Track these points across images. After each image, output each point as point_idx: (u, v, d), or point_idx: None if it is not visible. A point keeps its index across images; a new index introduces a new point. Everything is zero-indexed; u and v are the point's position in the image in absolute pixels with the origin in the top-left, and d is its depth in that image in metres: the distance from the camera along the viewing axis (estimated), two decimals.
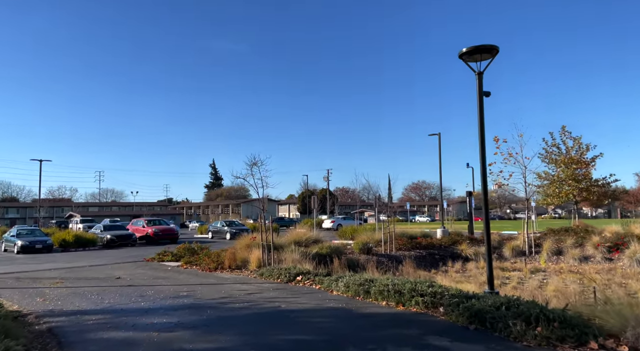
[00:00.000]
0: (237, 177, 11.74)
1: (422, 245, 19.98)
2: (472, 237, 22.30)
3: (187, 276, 12.06)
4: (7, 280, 11.81)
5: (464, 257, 19.51)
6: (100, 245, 26.47)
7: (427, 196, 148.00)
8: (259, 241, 16.42)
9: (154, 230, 29.46)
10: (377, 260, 16.15)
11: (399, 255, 18.13)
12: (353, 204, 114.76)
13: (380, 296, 7.46)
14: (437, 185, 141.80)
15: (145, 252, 21.67)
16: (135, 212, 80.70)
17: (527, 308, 5.47)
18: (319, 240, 19.12)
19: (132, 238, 27.57)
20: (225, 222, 34.45)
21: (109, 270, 14.04)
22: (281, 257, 13.69)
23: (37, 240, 23.58)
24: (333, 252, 15.75)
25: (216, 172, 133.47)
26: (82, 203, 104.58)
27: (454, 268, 17.28)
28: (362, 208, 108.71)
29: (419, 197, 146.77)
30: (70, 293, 9.68)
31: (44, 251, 23.26)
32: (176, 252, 16.44)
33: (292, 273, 10.41)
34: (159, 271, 13.44)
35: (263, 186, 12.17)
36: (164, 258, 16.20)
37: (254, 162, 11.95)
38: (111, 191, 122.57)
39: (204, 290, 9.71)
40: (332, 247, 16.27)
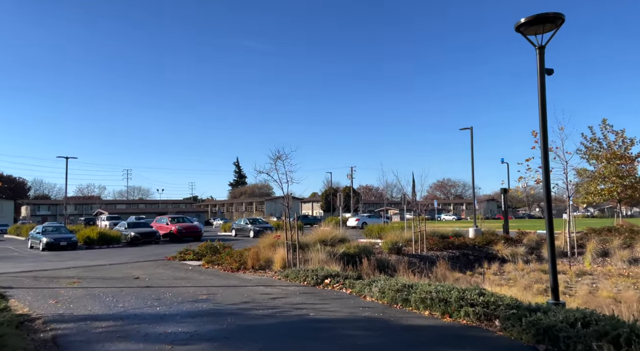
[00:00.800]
0: (260, 171, 11.02)
1: (455, 245, 18.85)
2: (507, 236, 21.00)
3: (208, 277, 11.40)
4: (25, 280, 11.41)
5: (500, 258, 18.29)
6: (124, 243, 26.35)
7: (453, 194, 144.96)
8: (283, 240, 15.69)
9: (178, 227, 29.21)
10: (409, 260, 15.15)
11: (430, 255, 17.09)
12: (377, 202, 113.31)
13: (422, 304, 6.54)
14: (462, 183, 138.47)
15: (168, 250, 21.28)
16: (161, 210, 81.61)
17: (612, 327, 4.47)
18: (346, 239, 18.29)
19: (156, 235, 27.35)
20: (249, 220, 33.98)
21: (129, 269, 13.55)
22: (307, 257, 12.91)
23: (62, 237, 23.54)
24: (361, 252, 14.86)
25: (240, 169, 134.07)
26: (110, 201, 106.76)
27: (490, 270, 16.12)
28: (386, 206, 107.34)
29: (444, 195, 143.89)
30: (85, 294, 9.13)
31: (68, 248, 23.20)
32: (198, 250, 15.88)
33: (319, 276, 9.58)
34: (179, 271, 12.85)
35: (288, 181, 11.41)
36: (186, 256, 15.66)
37: (278, 155, 11.20)
38: (138, 189, 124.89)
39: (225, 293, 8.99)
40: (360, 247, 15.39)
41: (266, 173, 11.46)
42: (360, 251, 14.92)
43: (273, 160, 11.39)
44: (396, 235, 20.40)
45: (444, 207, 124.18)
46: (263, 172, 11.45)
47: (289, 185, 11.46)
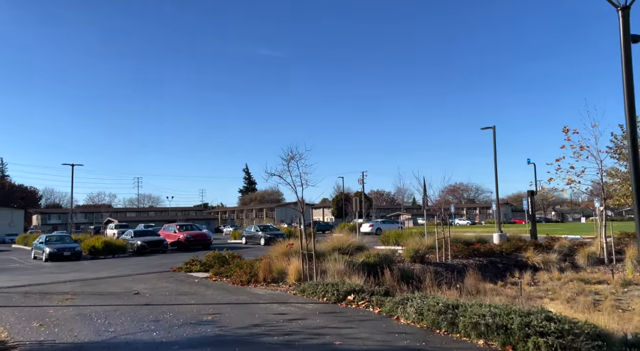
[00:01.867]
0: (271, 174, 9.91)
1: (481, 252, 17.48)
2: (536, 242, 19.56)
3: (215, 292, 10.25)
4: (15, 296, 10.37)
5: (530, 266, 16.88)
6: (131, 252, 25.36)
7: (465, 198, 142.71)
8: (297, 248, 14.52)
9: (186, 235, 28.17)
10: (434, 270, 13.86)
11: (456, 263, 15.76)
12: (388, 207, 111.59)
13: (475, 331, 5.31)
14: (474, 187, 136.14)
15: (174, 260, 20.20)
16: (171, 217, 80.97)
17: None
18: (363, 247, 17.10)
19: (163, 244, 26.34)
20: (259, 227, 32.83)
21: (130, 282, 12.46)
22: (323, 267, 11.71)
23: (66, 247, 22.61)
24: (382, 261, 13.64)
25: (249, 176, 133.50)
26: (120, 209, 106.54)
27: (523, 280, 14.72)
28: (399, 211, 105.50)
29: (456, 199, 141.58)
30: (75, 314, 8.02)
31: (72, 258, 22.26)
32: (205, 260, 14.75)
33: (341, 291, 8.37)
34: (183, 284, 11.72)
35: (302, 184, 10.24)
36: (192, 268, 14.54)
37: (290, 155, 10.06)
38: (148, 197, 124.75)
39: (233, 312, 7.82)
40: (380, 255, 14.15)
41: (278, 176, 10.35)
42: (381, 260, 13.71)
43: (286, 161, 10.26)
44: (416, 242, 19.12)
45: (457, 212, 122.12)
46: (275, 175, 10.33)
47: (303, 189, 10.32)
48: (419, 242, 19.22)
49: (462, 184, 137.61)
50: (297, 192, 10.42)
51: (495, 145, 21.65)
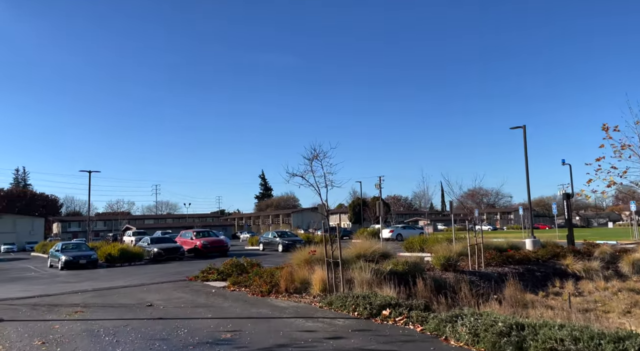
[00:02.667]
0: (293, 174, 9.15)
1: (516, 259, 16.30)
2: (574, 248, 18.26)
3: (234, 304, 9.43)
4: (23, 309, 9.73)
5: (571, 274, 15.64)
6: (147, 259, 24.84)
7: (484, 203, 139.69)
8: (319, 255, 13.66)
9: (203, 242, 27.56)
10: (469, 279, 12.81)
11: (491, 272, 14.65)
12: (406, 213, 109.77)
13: None
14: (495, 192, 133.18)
15: (191, 268, 19.52)
16: (188, 224, 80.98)
17: None
18: (388, 254, 16.11)
19: (180, 251, 25.75)
20: (277, 233, 32.05)
21: (144, 292, 11.74)
22: (347, 276, 10.81)
23: (82, 255, 22.18)
24: (411, 270, 12.63)
25: (266, 182, 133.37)
26: (138, 216, 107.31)
27: (567, 290, 13.55)
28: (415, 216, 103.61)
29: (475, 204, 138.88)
30: (81, 331, 7.29)
31: (88, 266, 21.80)
32: (222, 269, 13.98)
33: (374, 305, 7.45)
34: (200, 295, 10.94)
35: (326, 185, 9.38)
36: (209, 276, 13.78)
37: (314, 154, 9.23)
38: (166, 204, 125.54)
39: (255, 329, 6.98)
40: (408, 263, 13.14)
41: (300, 176, 9.51)
42: (410, 268, 12.70)
43: (308, 161, 9.43)
44: (444, 249, 18.02)
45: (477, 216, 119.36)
46: (297, 175, 9.49)
47: (327, 191, 9.45)
48: (447, 249, 18.11)
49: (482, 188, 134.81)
50: (320, 193, 9.59)
51: (526, 145, 20.45)
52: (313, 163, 9.39)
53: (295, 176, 9.51)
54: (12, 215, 69.06)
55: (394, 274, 11.92)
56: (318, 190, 9.55)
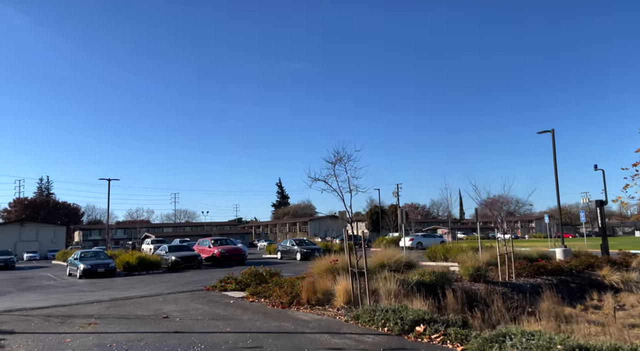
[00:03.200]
0: (315, 178, 8.64)
1: (548, 269, 15.43)
2: (610, 258, 17.24)
3: (253, 317, 8.93)
4: (35, 320, 9.41)
5: (608, 285, 14.71)
6: (165, 268, 24.61)
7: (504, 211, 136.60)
8: (341, 264, 13.10)
9: (220, 250, 27.23)
10: (501, 291, 12.06)
11: (522, 283, 13.83)
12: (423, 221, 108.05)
13: None
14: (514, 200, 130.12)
15: (208, 276, 19.15)
16: (206, 232, 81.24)
17: None
18: (412, 263, 15.47)
19: (197, 259, 25.45)
20: (295, 241, 31.54)
21: (160, 303, 11.35)
22: (372, 286, 10.23)
23: (100, 263, 22.04)
24: (439, 280, 11.97)
25: (282, 190, 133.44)
26: (157, 224, 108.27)
27: (606, 303, 12.65)
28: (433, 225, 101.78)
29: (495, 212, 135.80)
30: (93, 345, 6.89)
31: (106, 275, 21.63)
32: (241, 278, 13.52)
33: (406, 320, 6.85)
34: (218, 306, 10.48)
35: (350, 190, 8.85)
36: (227, 286, 13.33)
37: (337, 157, 8.73)
38: (184, 212, 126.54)
39: (276, 345, 6.46)
40: (435, 273, 12.46)
41: (323, 181, 9.00)
42: (437, 279, 12.03)
43: (331, 164, 8.93)
44: (470, 258, 17.25)
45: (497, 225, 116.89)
46: (319, 179, 8.99)
47: (352, 196, 8.92)
48: (473, 258, 17.35)
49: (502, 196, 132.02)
50: (344, 198, 9.04)
51: (555, 150, 19.57)
52: (336, 167, 8.89)
53: (318, 180, 9.03)
54: (35, 223, 70.29)
55: (421, 285, 11.27)
56: (341, 195, 9.04)
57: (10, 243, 61.52)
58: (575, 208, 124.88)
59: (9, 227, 67.63)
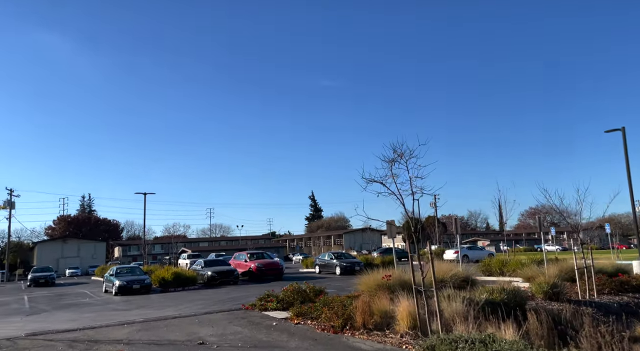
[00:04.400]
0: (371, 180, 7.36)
1: (632, 285, 13.38)
2: None
3: (301, 344, 7.62)
4: (58, 345, 8.46)
5: None
6: (201, 283, 23.75)
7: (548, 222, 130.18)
8: (396, 281, 11.66)
9: (257, 264, 26.15)
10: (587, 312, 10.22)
11: (608, 302, 11.89)
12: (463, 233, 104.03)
13: None
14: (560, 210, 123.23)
15: (246, 293, 18.03)
16: (241, 246, 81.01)
17: None
18: (469, 278, 13.86)
19: (234, 274, 24.44)
20: (334, 254, 30.08)
21: (195, 325, 10.21)
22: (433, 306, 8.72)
23: (135, 279, 21.38)
24: (511, 299, 10.32)
25: (316, 203, 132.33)
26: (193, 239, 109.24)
27: None
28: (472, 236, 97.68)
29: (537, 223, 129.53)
30: None
31: (142, 291, 20.93)
32: (282, 296, 12.26)
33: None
34: (259, 329, 9.23)
35: (413, 193, 7.45)
36: (267, 305, 12.09)
37: (398, 153, 7.36)
38: (219, 226, 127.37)
39: None
40: (505, 291, 10.79)
41: (380, 183, 7.65)
42: (510, 297, 10.37)
43: (389, 163, 7.58)
44: (535, 272, 15.49)
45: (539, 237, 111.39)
46: (375, 181, 7.65)
47: (414, 199, 7.51)
48: (538, 272, 15.55)
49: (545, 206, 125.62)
50: (404, 203, 7.65)
51: (627, 150, 17.39)
52: (394, 166, 7.53)
53: (374, 182, 7.68)
54: (76, 239, 72.04)
55: (492, 305, 9.67)
56: (401, 199, 7.65)
57: (54, 259, 63.07)
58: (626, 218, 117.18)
59: (52, 243, 69.55)
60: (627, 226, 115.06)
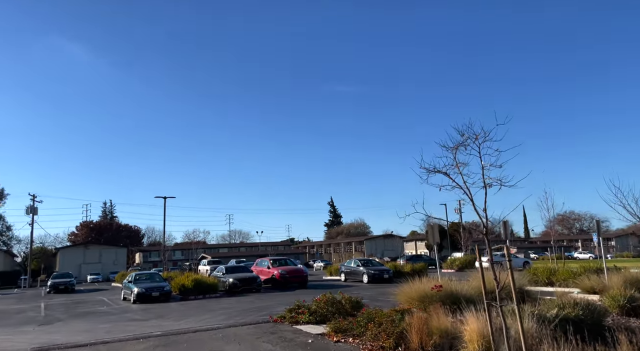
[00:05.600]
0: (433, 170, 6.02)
1: None
2: None
3: None
4: None
5: None
6: (222, 291, 22.63)
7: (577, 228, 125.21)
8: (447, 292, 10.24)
9: (280, 271, 24.91)
10: None
11: None
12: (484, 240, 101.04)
13: None
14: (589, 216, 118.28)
15: (271, 302, 16.78)
16: (261, 252, 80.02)
17: None
18: (526, 291, 12.39)
19: (257, 282, 23.26)
20: (361, 261, 28.61)
21: (219, 341, 8.97)
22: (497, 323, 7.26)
23: (154, 286, 20.36)
24: (587, 315, 8.75)
25: (335, 209, 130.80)
26: (213, 245, 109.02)
27: None
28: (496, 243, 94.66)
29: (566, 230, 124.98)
30: None
31: (161, 299, 19.90)
32: (315, 307, 10.93)
33: None
34: (294, 348, 7.92)
35: (485, 185, 6.04)
36: (298, 317, 10.77)
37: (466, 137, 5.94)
38: (239, 232, 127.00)
39: None
40: (579, 305, 9.22)
41: (443, 173, 6.27)
42: (585, 313, 8.81)
43: (451, 151, 6.21)
44: (594, 282, 13.88)
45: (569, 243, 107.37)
46: (438, 171, 6.27)
47: (487, 191, 6.08)
48: (598, 282, 13.91)
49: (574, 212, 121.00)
50: (472, 198, 6.23)
51: None
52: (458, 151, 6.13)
53: (436, 172, 6.29)
54: (98, 245, 72.19)
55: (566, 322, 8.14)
56: (469, 195, 6.23)
57: (75, 265, 63.16)
58: None
59: (74, 249, 69.83)
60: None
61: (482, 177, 6.16)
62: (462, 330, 6.90)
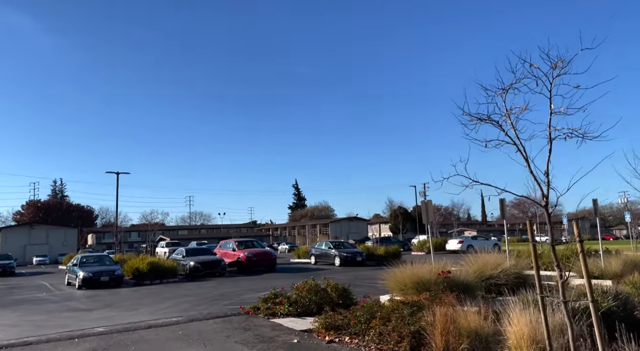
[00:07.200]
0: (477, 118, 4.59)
1: None
2: None
3: None
4: None
5: None
6: (182, 275, 20.53)
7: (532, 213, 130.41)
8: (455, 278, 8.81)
9: (247, 254, 23.01)
10: None
11: None
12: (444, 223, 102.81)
13: None
14: None
15: (238, 288, 14.96)
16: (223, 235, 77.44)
17: None
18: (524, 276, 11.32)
19: (221, 265, 21.30)
20: (332, 243, 27.12)
21: (179, 341, 7.07)
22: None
23: (103, 270, 17.97)
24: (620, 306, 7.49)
25: (299, 192, 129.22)
26: (172, 227, 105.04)
27: None
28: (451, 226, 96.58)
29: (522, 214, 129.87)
30: None
31: (111, 284, 17.59)
32: (295, 297, 9.18)
33: None
34: (274, 349, 6.15)
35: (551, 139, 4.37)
36: (276, 309, 9.01)
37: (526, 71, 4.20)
38: (200, 214, 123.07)
39: None
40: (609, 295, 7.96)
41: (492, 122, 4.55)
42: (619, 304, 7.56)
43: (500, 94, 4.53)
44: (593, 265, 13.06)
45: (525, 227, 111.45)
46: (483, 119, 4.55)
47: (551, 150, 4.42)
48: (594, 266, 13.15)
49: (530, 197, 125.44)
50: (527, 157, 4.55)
51: None
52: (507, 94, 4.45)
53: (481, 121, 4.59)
54: (45, 225, 67.15)
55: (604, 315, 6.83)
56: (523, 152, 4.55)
57: (19, 246, 58.45)
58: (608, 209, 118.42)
59: (18, 229, 64.63)
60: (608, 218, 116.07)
61: (549, 127, 4.52)
62: (502, 331, 5.35)
